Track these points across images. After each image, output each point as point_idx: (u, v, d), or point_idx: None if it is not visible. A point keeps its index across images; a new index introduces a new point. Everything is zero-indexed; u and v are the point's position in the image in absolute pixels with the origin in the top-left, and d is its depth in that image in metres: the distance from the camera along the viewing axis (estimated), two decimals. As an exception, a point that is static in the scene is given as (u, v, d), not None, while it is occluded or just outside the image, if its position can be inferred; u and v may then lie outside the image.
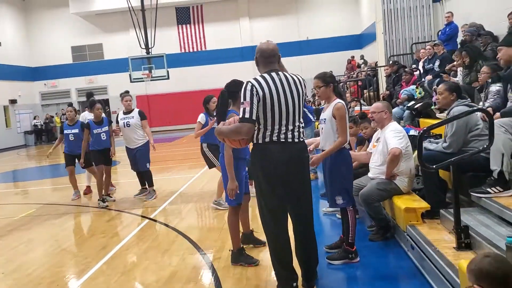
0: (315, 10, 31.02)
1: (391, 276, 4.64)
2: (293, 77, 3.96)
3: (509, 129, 4.46)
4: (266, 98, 3.79)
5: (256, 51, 4.01)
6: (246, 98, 3.77)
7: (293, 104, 3.87)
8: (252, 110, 3.75)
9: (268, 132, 3.86)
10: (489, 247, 3.71)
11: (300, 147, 3.97)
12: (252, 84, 3.80)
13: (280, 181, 3.92)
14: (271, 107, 3.80)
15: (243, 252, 5.15)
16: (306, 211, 4.14)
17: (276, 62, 4.01)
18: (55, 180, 13.59)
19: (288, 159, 3.87)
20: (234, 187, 4.85)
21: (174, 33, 31.43)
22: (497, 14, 10.72)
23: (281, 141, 3.86)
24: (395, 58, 14.93)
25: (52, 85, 32.63)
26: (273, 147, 3.87)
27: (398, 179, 5.34)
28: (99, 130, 8.76)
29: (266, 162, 3.91)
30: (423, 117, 9.04)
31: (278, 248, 4.08)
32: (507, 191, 4.47)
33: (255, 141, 3.95)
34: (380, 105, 5.62)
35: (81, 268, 5.47)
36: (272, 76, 3.87)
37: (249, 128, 3.78)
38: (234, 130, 3.87)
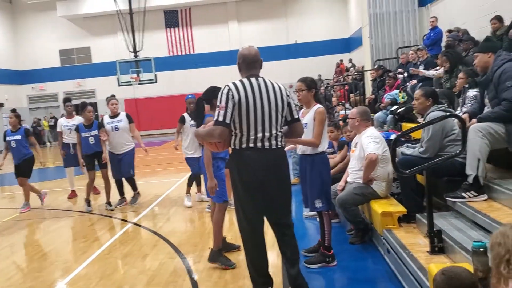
0: (304, 13, 31.11)
1: (367, 279, 4.68)
2: (274, 85, 3.93)
3: (487, 134, 4.51)
4: (242, 103, 3.76)
5: (238, 56, 4.00)
6: (222, 102, 3.77)
7: (270, 111, 3.83)
8: (226, 113, 3.74)
9: (244, 138, 3.83)
10: (460, 251, 3.77)
11: (277, 154, 3.92)
12: (229, 88, 3.80)
13: (257, 188, 3.87)
14: (246, 112, 3.78)
15: (222, 253, 5.21)
16: (285, 218, 4.10)
17: (258, 67, 3.99)
18: (42, 184, 13.51)
19: (264, 166, 3.84)
20: (213, 185, 4.98)
21: (163, 36, 31.39)
22: (480, 19, 10.85)
23: (258, 147, 3.83)
24: (381, 62, 15.03)
25: (40, 88, 32.44)
26: (249, 153, 3.84)
27: (376, 184, 5.39)
28: (87, 134, 8.50)
29: (242, 167, 3.88)
30: (406, 122, 9.12)
31: (254, 255, 4.08)
32: (481, 195, 4.53)
33: (233, 146, 3.94)
34: (354, 111, 5.69)
35: (60, 273, 5.47)
36: (250, 81, 3.86)
37: (221, 131, 3.76)
38: (208, 132, 3.89)
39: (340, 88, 18.26)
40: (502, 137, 4.54)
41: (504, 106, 4.53)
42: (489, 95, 4.88)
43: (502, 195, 4.41)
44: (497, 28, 8.93)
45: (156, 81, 24.68)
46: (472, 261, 2.95)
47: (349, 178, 5.66)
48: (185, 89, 28.11)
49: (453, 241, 4.01)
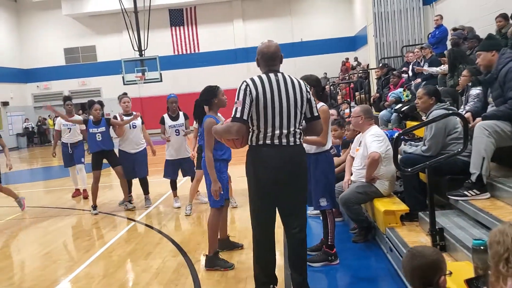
0: (308, 12, 31.06)
1: (369, 278, 4.68)
2: (294, 80, 3.86)
3: (493, 132, 4.48)
4: (259, 99, 3.70)
5: (257, 52, 3.93)
6: (239, 98, 3.72)
7: (288, 107, 3.75)
8: (243, 109, 3.68)
9: (261, 134, 3.77)
10: (461, 249, 3.76)
11: (294, 150, 3.84)
12: (247, 84, 3.75)
13: (271, 185, 3.82)
14: (264, 108, 3.71)
15: (218, 256, 5.16)
16: (299, 217, 4.01)
17: (278, 63, 3.92)
18: (47, 183, 13.59)
19: (280, 163, 3.77)
20: (217, 188, 4.91)
21: (167, 35, 31.39)
22: (485, 17, 10.80)
23: (275, 144, 3.76)
24: (385, 60, 15.00)
25: (44, 87, 32.54)
26: (266, 150, 3.78)
27: (379, 182, 5.38)
28: (94, 130, 8.28)
29: (258, 165, 3.83)
30: (410, 120, 9.09)
31: (261, 252, 4.04)
32: (484, 194, 4.51)
33: (249, 143, 3.88)
34: (357, 109, 5.67)
35: (63, 272, 5.48)
36: (269, 77, 3.79)
37: (238, 127, 3.71)
38: (225, 129, 3.83)
39: (346, 86, 18.24)
40: (508, 135, 4.52)
41: (510, 104, 4.49)
42: (494, 94, 4.85)
43: (504, 193, 4.40)
44: (502, 26, 8.87)
45: (161, 80, 24.70)
46: (472, 259, 2.95)
47: (352, 177, 5.65)
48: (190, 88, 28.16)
49: (455, 239, 4.00)
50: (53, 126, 30.60)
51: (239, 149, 4.05)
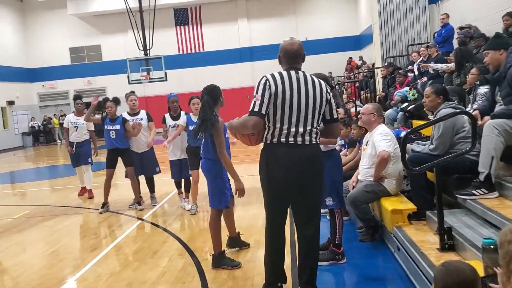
0: (313, 11, 31.02)
1: (377, 277, 4.67)
2: (314, 80, 3.81)
3: (502, 131, 4.45)
4: (278, 95, 3.67)
5: (280, 49, 3.87)
6: (258, 92, 3.68)
7: (307, 105, 3.71)
8: (262, 104, 3.65)
9: (277, 132, 3.72)
10: (470, 249, 3.74)
11: (310, 149, 3.78)
12: (267, 79, 3.71)
13: (284, 185, 3.78)
14: (281, 105, 3.67)
15: (225, 255, 5.16)
16: (313, 220, 3.94)
17: (300, 61, 3.87)
18: (53, 182, 13.62)
19: (294, 162, 3.71)
20: (242, 187, 4.90)
21: (172, 34, 31.39)
22: (492, 15, 10.75)
23: (290, 143, 3.71)
24: (391, 59, 14.95)
25: (50, 86, 32.62)
26: (280, 149, 3.74)
27: (386, 181, 5.37)
28: (109, 127, 8.22)
29: (271, 163, 3.79)
30: (416, 119, 9.06)
31: (271, 250, 4.02)
32: (492, 193, 4.50)
33: (264, 140, 3.85)
34: (370, 107, 5.64)
35: (70, 270, 5.50)
36: (289, 74, 3.75)
37: (255, 122, 3.67)
38: (241, 123, 3.79)
39: (351, 86, 18.20)
40: None
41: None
42: (502, 93, 4.81)
43: (513, 192, 4.38)
44: (509, 24, 8.82)
45: (166, 79, 24.70)
46: (482, 258, 2.93)
47: (360, 176, 5.64)
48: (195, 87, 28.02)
49: (464, 238, 3.98)
50: (58, 125, 30.84)
51: (253, 146, 4.04)
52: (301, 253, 4.04)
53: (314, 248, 4.00)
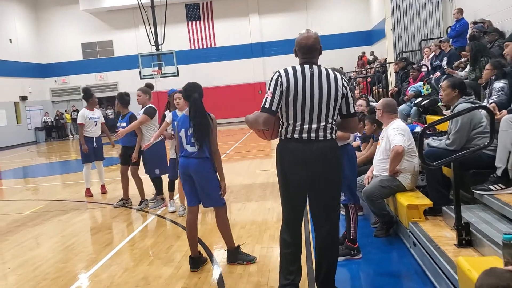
0: (324, 6, 30.88)
1: (392, 273, 4.65)
2: (330, 74, 3.69)
3: None
4: (290, 90, 3.60)
5: (295, 43, 3.79)
6: (270, 88, 3.64)
7: (321, 101, 3.61)
8: (273, 100, 3.60)
9: (290, 127, 3.66)
10: (488, 244, 3.71)
11: (325, 145, 3.67)
12: (279, 74, 3.65)
13: (299, 182, 3.71)
14: (294, 100, 3.60)
15: (240, 250, 5.13)
16: (330, 217, 3.84)
17: (316, 55, 3.76)
18: (65, 176, 13.70)
19: (308, 158, 3.63)
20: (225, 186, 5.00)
21: (184, 29, 31.40)
22: (505, 10, 10.64)
23: (303, 138, 3.64)
24: (404, 54, 14.85)
25: (62, 81, 32.77)
26: (293, 145, 3.67)
27: (402, 176, 5.34)
28: (118, 124, 8.19)
29: (285, 159, 3.72)
30: (430, 114, 9.01)
31: (286, 252, 3.88)
32: (509, 188, 4.46)
33: (279, 135, 3.80)
34: (379, 102, 5.64)
35: (85, 264, 5.53)
36: (303, 68, 3.67)
37: (266, 118, 3.62)
38: (254, 119, 3.75)
39: (363, 81, 18.11)
40: None
41: None
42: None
43: (531, 187, 4.33)
44: (523, 19, 8.73)
45: (178, 74, 24.73)
46: (502, 254, 2.90)
47: (375, 171, 5.61)
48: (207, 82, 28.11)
49: (481, 234, 3.95)
50: (70, 120, 31.01)
51: (270, 140, 3.99)
52: (317, 251, 3.96)
53: (330, 246, 3.89)
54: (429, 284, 4.15)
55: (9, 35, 29.13)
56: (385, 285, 4.34)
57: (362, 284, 4.55)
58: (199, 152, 4.84)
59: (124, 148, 8.31)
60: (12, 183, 13.25)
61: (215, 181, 4.94)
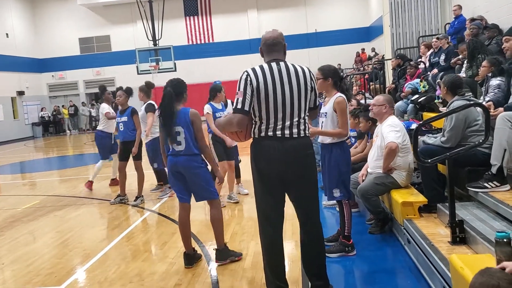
0: (323, 2, 30.84)
1: (386, 269, 4.64)
2: (297, 69, 3.69)
3: None
4: (260, 89, 3.57)
5: (261, 40, 3.82)
6: (240, 88, 3.60)
7: (292, 97, 3.60)
8: (244, 100, 3.57)
9: (263, 126, 3.63)
10: (482, 242, 3.71)
11: (299, 142, 3.67)
12: (247, 74, 3.62)
13: (276, 180, 3.68)
14: (265, 99, 3.58)
15: (229, 248, 5.07)
16: (310, 212, 3.84)
17: (280, 51, 3.75)
18: (62, 172, 13.69)
19: (283, 156, 3.61)
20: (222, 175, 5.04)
21: (182, 25, 31.36)
22: (503, 7, 10.62)
23: (277, 136, 3.61)
24: (401, 51, 14.83)
25: (59, 76, 32.72)
26: (268, 143, 3.64)
27: (396, 173, 5.34)
28: (118, 119, 8.25)
29: (260, 158, 3.70)
30: (427, 111, 9.00)
31: (269, 252, 3.82)
32: (504, 185, 4.46)
33: (252, 135, 3.77)
34: (381, 98, 5.59)
35: (80, 260, 5.52)
36: (270, 66, 3.65)
37: (239, 119, 3.61)
38: (226, 121, 3.75)
39: (361, 77, 18.11)
40: None
41: None
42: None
43: (525, 185, 4.33)
44: (520, 17, 8.71)
45: (175, 70, 24.71)
46: (495, 252, 2.90)
47: (369, 168, 5.60)
48: (204, 78, 28.13)
49: (475, 231, 3.95)
50: (67, 115, 30.97)
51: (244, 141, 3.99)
52: (303, 250, 3.94)
53: (315, 243, 3.87)
54: (422, 281, 4.15)
55: (6, 29, 29.08)
56: (379, 282, 4.34)
57: (356, 280, 4.55)
58: (186, 150, 4.78)
59: (123, 144, 8.28)
60: (8, 178, 13.22)
61: (206, 174, 4.88)
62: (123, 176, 8.38)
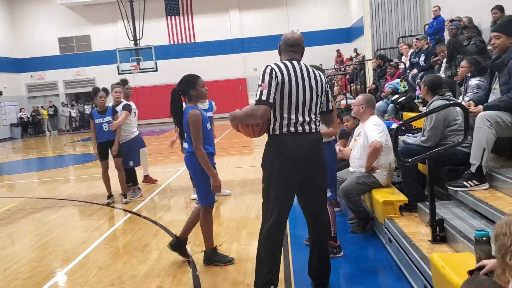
0: (305, 2, 30.93)
1: (368, 268, 4.67)
2: (315, 71, 3.84)
3: (494, 124, 4.43)
4: (285, 84, 3.63)
5: (281, 39, 3.87)
6: (264, 81, 3.60)
7: (311, 95, 3.72)
8: (269, 92, 3.58)
9: (285, 121, 3.67)
10: (462, 240, 3.74)
11: (316, 137, 3.79)
12: (272, 68, 3.65)
13: (296, 175, 3.73)
14: (288, 94, 3.64)
15: (217, 252, 5.01)
16: (324, 206, 4.02)
17: (298, 52, 3.86)
18: (41, 173, 13.51)
19: (305, 151, 3.71)
20: (219, 184, 4.71)
21: (163, 24, 31.19)
22: (481, 8, 10.75)
23: (298, 131, 3.69)
24: (382, 51, 14.94)
25: (38, 77, 32.31)
26: (290, 139, 3.68)
27: (378, 173, 5.37)
28: (100, 120, 7.97)
29: (281, 154, 3.70)
30: (407, 111, 9.08)
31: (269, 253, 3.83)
32: (483, 184, 4.50)
33: (271, 131, 3.75)
34: (360, 98, 5.65)
35: (59, 263, 5.44)
36: (292, 64, 3.74)
37: (264, 111, 3.58)
38: (249, 112, 3.69)
39: (342, 78, 18.20)
40: (509, 126, 4.48)
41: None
42: (501, 80, 4.69)
43: (503, 184, 4.38)
44: (498, 18, 8.84)
45: (156, 70, 24.59)
46: (474, 250, 2.92)
47: (351, 167, 5.63)
48: (185, 78, 27.86)
49: (455, 230, 3.98)
50: (47, 116, 30.59)
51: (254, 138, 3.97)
52: (314, 247, 4.02)
53: (324, 237, 4.06)
54: (404, 280, 4.18)
55: (-17, 29, 28.61)
56: (361, 281, 4.36)
57: (339, 279, 4.54)
58: (189, 148, 4.78)
59: (105, 144, 8.11)
60: (-14, 180, 13.01)
61: (201, 178, 4.76)
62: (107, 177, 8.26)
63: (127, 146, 8.40)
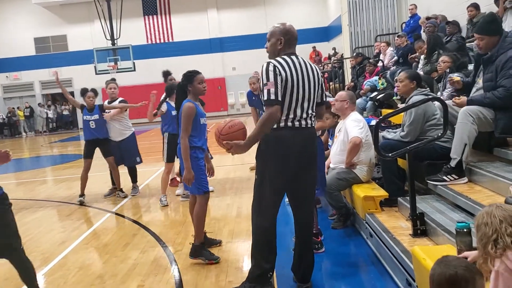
0: (282, 2, 30.93)
1: (350, 264, 4.69)
2: (312, 65, 3.84)
3: (476, 119, 4.48)
4: (288, 81, 3.61)
5: (283, 32, 3.82)
6: (270, 79, 3.55)
7: (309, 90, 3.73)
8: (277, 91, 3.55)
9: (284, 117, 3.66)
10: (442, 233, 3.77)
11: (311, 132, 3.83)
12: (275, 65, 3.60)
13: (295, 169, 3.75)
14: (291, 90, 3.63)
15: (205, 247, 4.98)
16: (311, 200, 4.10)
17: (295, 47, 3.89)
18: (18, 175, 13.29)
19: (303, 145, 3.74)
20: (190, 177, 4.71)
21: (141, 24, 30.92)
22: (457, 6, 10.88)
23: (296, 126, 3.70)
24: (360, 49, 15.05)
25: (14, 77, 31.77)
26: (287, 132, 3.69)
27: (358, 168, 5.40)
28: (88, 117, 8.08)
29: (277, 148, 3.70)
30: (386, 108, 9.16)
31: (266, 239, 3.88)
32: (462, 178, 4.56)
33: None
34: (343, 94, 5.67)
35: (38, 264, 5.33)
36: (292, 59, 3.72)
37: (277, 110, 3.56)
38: (265, 122, 3.58)
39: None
40: (490, 122, 4.54)
41: (500, 93, 4.44)
42: (486, 76, 4.72)
43: (482, 177, 4.44)
44: (474, 15, 8.95)
45: (134, 69, 24.39)
46: (456, 242, 2.95)
47: (332, 163, 5.65)
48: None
49: (436, 223, 4.02)
50: (23, 117, 30.11)
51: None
52: (298, 242, 4.05)
53: (310, 233, 4.08)
54: (385, 274, 4.20)
55: (-43, 29, 28.05)
56: (343, 276, 4.38)
57: (322, 275, 4.54)
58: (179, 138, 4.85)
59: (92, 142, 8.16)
60: (-39, 183, 12.74)
61: (195, 168, 4.78)
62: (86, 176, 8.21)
63: (128, 143, 8.40)
